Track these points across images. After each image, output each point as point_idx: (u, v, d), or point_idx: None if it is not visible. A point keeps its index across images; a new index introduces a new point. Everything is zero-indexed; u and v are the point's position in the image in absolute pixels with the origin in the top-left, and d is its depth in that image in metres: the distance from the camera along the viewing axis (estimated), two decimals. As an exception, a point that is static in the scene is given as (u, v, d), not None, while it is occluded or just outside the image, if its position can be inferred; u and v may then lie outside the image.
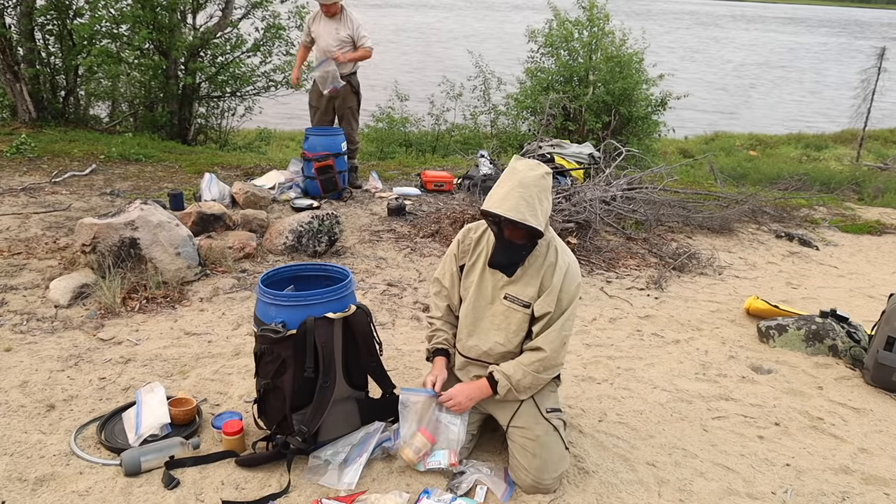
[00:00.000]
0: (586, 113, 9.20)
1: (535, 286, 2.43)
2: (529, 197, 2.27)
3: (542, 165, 2.36)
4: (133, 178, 6.13)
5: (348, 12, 5.73)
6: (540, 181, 2.31)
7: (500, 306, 2.48)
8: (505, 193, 2.29)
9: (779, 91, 22.81)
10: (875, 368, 3.48)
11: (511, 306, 2.46)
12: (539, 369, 2.43)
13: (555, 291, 2.41)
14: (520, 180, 2.29)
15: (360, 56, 5.77)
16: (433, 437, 2.46)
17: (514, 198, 2.27)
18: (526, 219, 2.25)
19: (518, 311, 2.45)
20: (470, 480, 2.40)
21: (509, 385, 2.43)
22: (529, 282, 2.44)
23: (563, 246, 2.51)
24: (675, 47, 31.22)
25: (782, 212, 6.78)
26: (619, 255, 5.19)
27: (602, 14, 9.77)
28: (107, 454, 2.48)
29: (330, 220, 4.67)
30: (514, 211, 2.25)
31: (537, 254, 2.44)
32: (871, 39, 41.91)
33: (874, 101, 12.44)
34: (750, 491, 2.56)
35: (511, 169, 2.36)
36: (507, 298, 2.46)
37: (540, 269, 2.43)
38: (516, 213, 2.25)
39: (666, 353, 3.73)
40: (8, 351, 3.18)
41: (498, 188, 2.34)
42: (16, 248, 4.33)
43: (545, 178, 2.33)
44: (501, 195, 2.30)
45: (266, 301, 2.44)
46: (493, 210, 2.29)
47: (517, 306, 2.45)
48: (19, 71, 7.56)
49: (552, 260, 2.44)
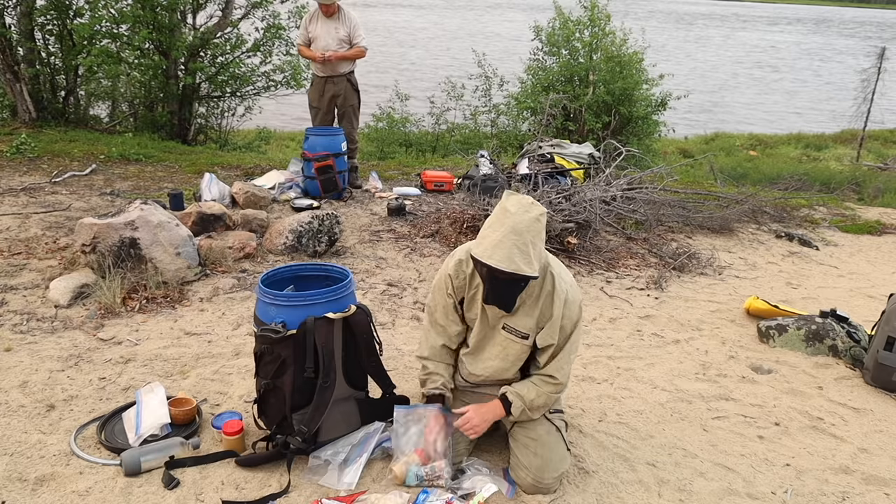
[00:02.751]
0: (586, 113, 9.20)
1: (534, 317, 2.36)
2: (523, 245, 2.14)
3: (535, 206, 2.22)
4: (133, 178, 6.13)
5: (346, 11, 5.73)
6: (534, 225, 2.18)
7: (499, 336, 2.44)
8: (497, 241, 2.15)
9: (778, 91, 22.81)
10: (875, 368, 3.48)
11: (509, 337, 2.41)
12: (552, 392, 2.43)
13: (556, 322, 2.34)
14: (512, 226, 2.15)
15: (353, 55, 5.77)
16: (427, 458, 2.44)
17: (507, 246, 2.13)
18: (521, 269, 2.14)
19: (517, 342, 2.41)
20: (470, 481, 2.40)
21: (523, 406, 2.40)
22: (528, 312, 2.37)
23: (559, 269, 2.41)
24: (675, 47, 31.21)
25: (782, 212, 6.78)
26: (619, 255, 5.19)
27: (603, 14, 9.78)
28: (107, 454, 2.48)
29: (330, 220, 4.67)
30: (508, 261, 2.13)
31: (533, 285, 2.34)
32: (871, 40, 41.90)
33: (874, 101, 12.43)
34: (750, 491, 2.56)
35: (502, 210, 2.21)
36: (506, 329, 2.41)
37: (538, 299, 2.36)
38: (510, 263, 2.13)
39: (666, 353, 3.73)
40: (8, 351, 3.18)
41: (489, 232, 2.20)
42: (16, 248, 4.33)
43: (539, 220, 2.20)
44: (493, 243, 2.16)
45: (266, 301, 2.45)
46: (484, 261, 2.16)
47: (515, 337, 2.40)
48: (19, 71, 7.56)
49: (549, 289, 2.34)
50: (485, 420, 2.44)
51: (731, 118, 17.42)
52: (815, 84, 24.72)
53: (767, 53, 33.89)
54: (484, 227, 2.25)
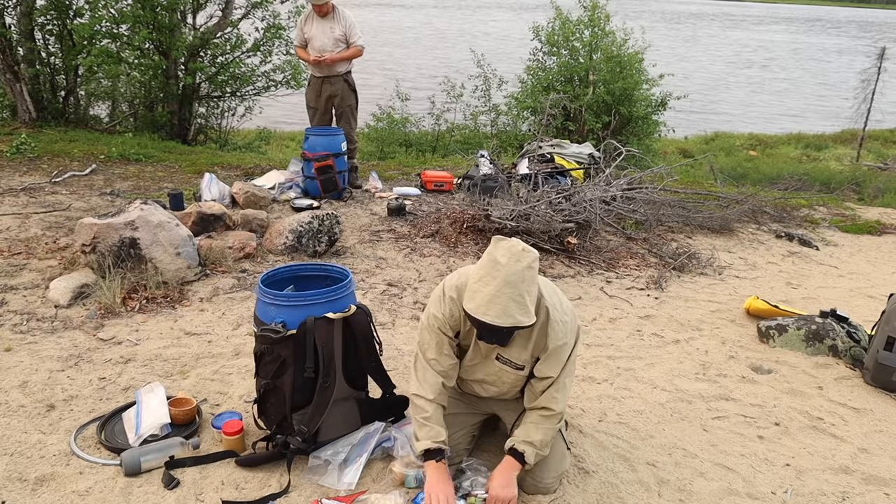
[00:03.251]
0: (586, 113, 9.20)
1: (528, 349, 2.30)
2: (518, 296, 2.06)
3: (526, 253, 2.11)
4: (133, 178, 6.13)
5: (340, 10, 5.72)
6: (527, 273, 2.08)
7: (493, 366, 2.39)
8: (490, 296, 2.06)
9: (778, 91, 22.81)
10: (875, 368, 3.48)
11: (504, 367, 2.37)
12: (553, 425, 2.37)
13: (555, 354, 2.28)
14: (505, 279, 2.06)
15: (351, 55, 5.77)
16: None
17: (502, 301, 2.05)
18: (518, 322, 2.07)
19: (511, 372, 2.37)
20: (470, 481, 2.40)
21: (535, 451, 2.33)
22: (523, 345, 2.30)
23: (552, 299, 2.30)
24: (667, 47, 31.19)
25: (782, 212, 6.78)
26: (619, 255, 5.19)
27: (603, 14, 9.79)
28: (107, 454, 2.48)
29: (330, 220, 4.67)
30: (504, 317, 2.05)
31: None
32: (870, 40, 41.92)
33: (874, 101, 12.43)
34: (750, 491, 2.56)
35: (492, 262, 2.09)
36: (500, 360, 2.36)
37: (531, 331, 2.27)
38: (506, 318, 2.05)
39: (666, 353, 3.73)
40: (8, 351, 3.18)
41: (481, 286, 2.09)
42: (16, 248, 4.33)
43: (532, 267, 2.10)
44: (487, 298, 2.06)
45: (266, 301, 2.45)
46: (479, 318, 2.07)
47: (510, 368, 2.36)
48: (19, 71, 7.56)
49: (543, 320, 2.26)
50: (510, 486, 2.28)
51: (719, 118, 17.41)
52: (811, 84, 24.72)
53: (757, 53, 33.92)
54: (474, 279, 2.14)
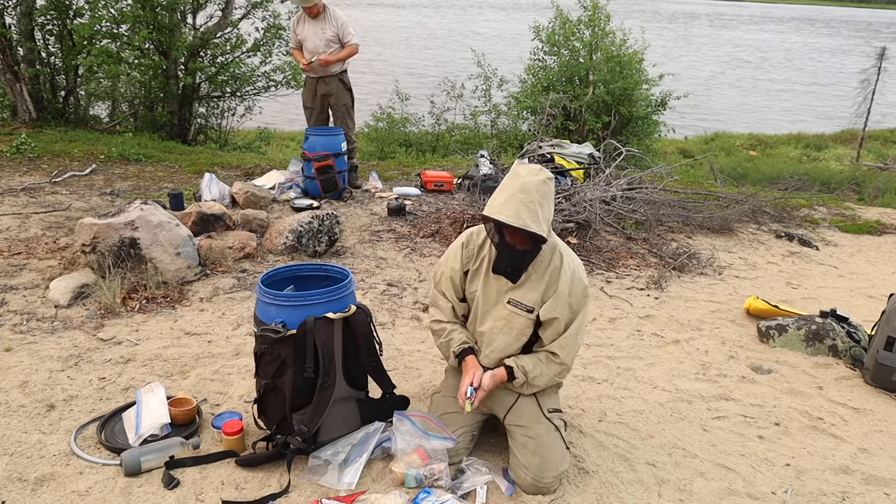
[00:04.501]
0: (586, 113, 9.21)
1: (539, 291, 2.41)
2: (531, 202, 2.24)
3: (544, 171, 2.32)
4: (133, 178, 6.13)
5: (331, 10, 5.70)
6: (541, 186, 2.27)
7: (503, 310, 2.47)
8: (506, 199, 2.26)
9: (778, 91, 22.81)
10: (875, 368, 3.48)
11: (514, 311, 2.44)
12: (555, 372, 2.47)
13: (562, 296, 2.39)
14: (521, 185, 2.26)
15: (347, 54, 5.77)
16: (427, 457, 2.43)
17: (515, 203, 2.23)
18: (527, 225, 2.22)
19: (521, 315, 2.44)
20: (470, 481, 2.40)
21: (525, 379, 2.45)
22: (533, 286, 2.42)
23: (567, 249, 2.49)
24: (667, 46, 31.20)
25: (782, 212, 6.78)
26: (619, 255, 5.19)
27: (603, 14, 9.79)
28: (107, 454, 2.48)
29: (330, 220, 4.67)
30: (515, 217, 2.22)
31: (541, 258, 2.42)
32: (870, 40, 41.90)
33: (874, 101, 12.43)
34: (750, 491, 2.56)
35: (513, 174, 2.32)
36: (511, 303, 2.45)
37: (544, 273, 2.42)
38: (517, 219, 2.22)
39: (666, 353, 3.73)
40: (8, 351, 3.18)
41: (499, 193, 2.31)
42: (16, 248, 4.33)
43: (547, 183, 2.29)
44: (502, 201, 2.27)
45: (266, 301, 2.44)
46: (493, 216, 2.26)
47: (520, 311, 2.43)
48: (19, 71, 7.56)
49: (557, 264, 2.41)
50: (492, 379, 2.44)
51: (716, 117, 17.41)
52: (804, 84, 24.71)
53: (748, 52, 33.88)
54: (496, 192, 2.34)
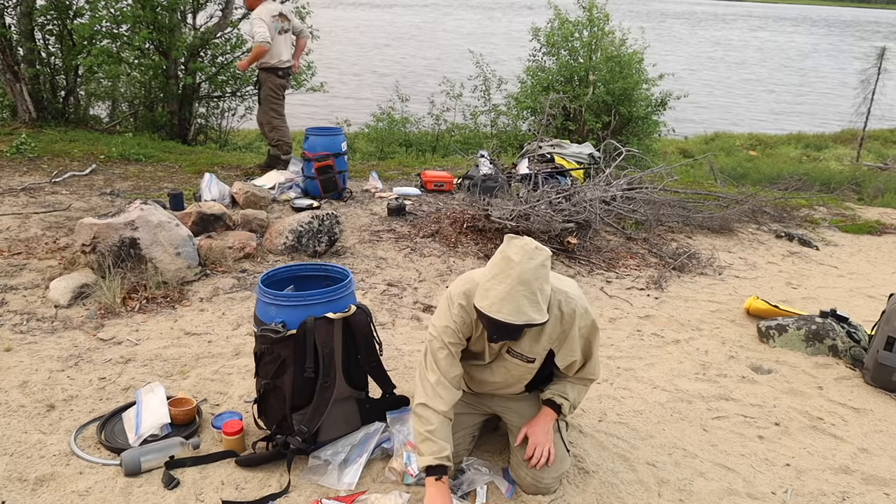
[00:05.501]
0: (586, 113, 9.20)
1: (540, 342, 2.32)
2: (531, 294, 2.06)
3: (540, 251, 2.11)
4: (133, 178, 6.13)
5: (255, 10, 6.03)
6: (539, 271, 2.09)
7: (503, 358, 2.41)
8: (504, 294, 2.06)
9: (778, 91, 22.81)
10: (875, 368, 3.48)
11: (514, 361, 2.39)
12: (587, 387, 2.55)
13: (574, 340, 2.31)
14: (518, 276, 2.06)
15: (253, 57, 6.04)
16: None
17: (515, 299, 2.05)
18: (532, 319, 2.07)
19: (522, 365, 2.39)
20: (470, 481, 2.40)
21: (570, 404, 2.46)
22: (534, 338, 2.31)
23: (563, 287, 2.32)
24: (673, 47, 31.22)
25: (782, 212, 6.78)
26: (619, 255, 5.19)
27: (602, 14, 9.78)
28: (107, 454, 2.48)
29: (330, 220, 4.67)
30: (517, 314, 2.05)
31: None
32: (870, 40, 41.92)
33: (874, 101, 12.43)
34: (750, 491, 2.56)
35: (506, 260, 2.09)
36: (510, 353, 2.38)
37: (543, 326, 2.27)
38: (519, 316, 2.06)
39: (666, 353, 3.73)
40: (8, 351, 3.18)
41: (494, 284, 2.09)
42: (16, 248, 4.33)
43: (545, 265, 2.11)
44: (500, 296, 2.06)
45: (266, 301, 2.44)
46: (493, 316, 2.07)
47: (520, 361, 2.38)
48: (19, 71, 7.56)
49: (557, 311, 2.28)
50: (547, 433, 2.40)
51: (713, 117, 17.41)
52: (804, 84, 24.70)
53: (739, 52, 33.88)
54: (487, 277, 2.13)
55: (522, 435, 2.42)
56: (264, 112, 6.34)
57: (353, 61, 21.03)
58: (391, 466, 2.45)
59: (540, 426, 2.42)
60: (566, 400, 2.43)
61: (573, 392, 2.47)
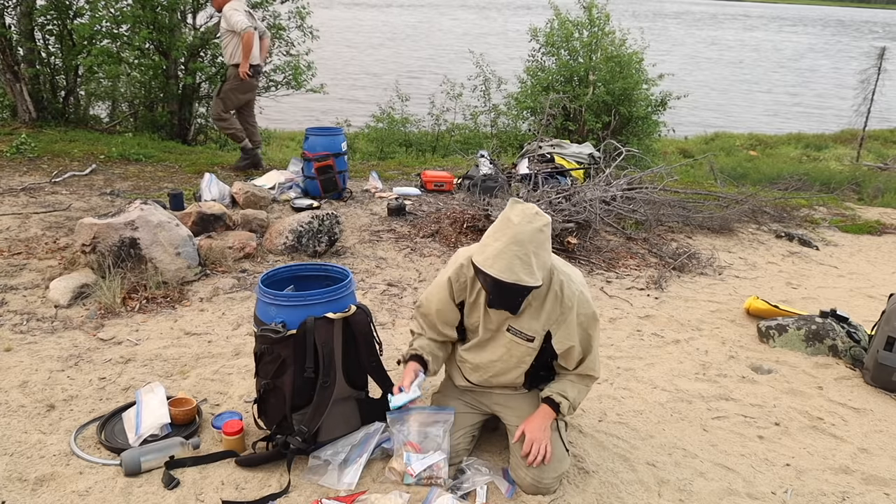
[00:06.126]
0: (586, 113, 9.20)
1: (541, 320, 2.35)
2: (525, 255, 2.12)
3: (539, 216, 2.17)
4: (133, 178, 6.13)
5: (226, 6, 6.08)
6: (537, 236, 2.15)
7: (503, 338, 2.43)
8: (498, 251, 2.14)
9: (778, 91, 22.81)
10: (875, 368, 3.48)
11: (514, 339, 2.41)
12: (588, 385, 2.52)
13: (572, 324, 2.34)
14: (514, 236, 2.13)
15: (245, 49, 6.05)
16: (420, 449, 2.44)
17: (508, 257, 2.12)
18: (521, 279, 2.13)
19: (521, 344, 2.40)
20: (470, 481, 2.40)
21: (569, 404, 2.44)
22: (534, 315, 2.35)
23: (567, 270, 2.39)
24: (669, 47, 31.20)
25: (782, 212, 6.78)
26: (619, 255, 5.19)
27: (602, 14, 9.78)
28: (107, 454, 2.48)
29: (330, 220, 4.67)
30: (508, 272, 2.12)
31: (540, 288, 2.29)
32: (865, 39, 41.89)
33: (874, 101, 12.43)
34: (750, 491, 2.56)
35: (505, 220, 2.18)
36: (510, 331, 2.40)
37: (544, 301, 2.33)
38: (510, 274, 2.12)
39: (666, 353, 3.73)
40: (8, 351, 3.18)
41: (491, 241, 2.19)
42: (16, 248, 4.33)
43: (543, 231, 2.17)
44: (495, 252, 2.15)
45: (266, 301, 2.44)
46: (485, 270, 2.15)
47: (520, 340, 2.40)
48: (19, 71, 7.56)
49: (557, 290, 2.32)
50: (544, 429, 2.41)
51: (711, 116, 17.41)
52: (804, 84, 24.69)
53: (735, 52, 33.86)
54: (486, 235, 2.24)
55: (520, 432, 2.42)
56: (215, 104, 6.36)
57: (346, 61, 21.01)
58: (391, 466, 2.45)
59: (537, 423, 2.42)
60: (565, 398, 2.43)
61: (573, 391, 2.45)
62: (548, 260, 2.25)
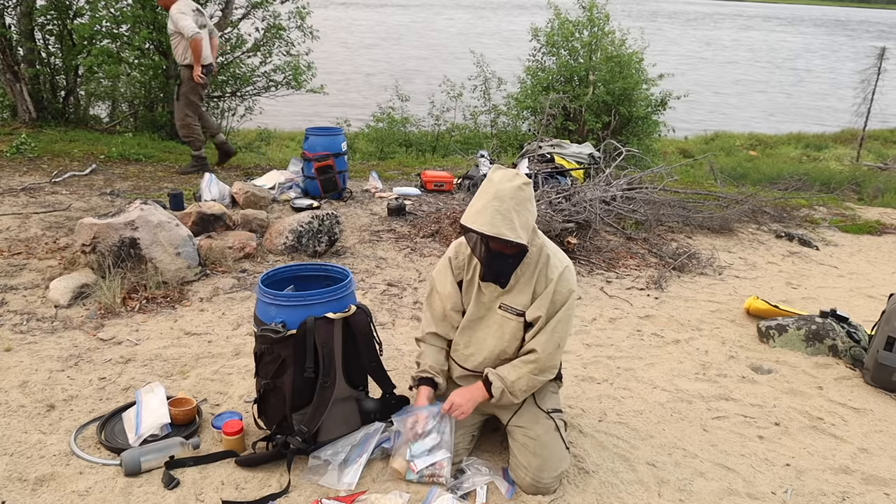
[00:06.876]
0: (586, 113, 9.20)
1: (529, 294, 2.42)
2: (505, 210, 2.22)
3: (519, 175, 2.30)
4: (133, 178, 6.13)
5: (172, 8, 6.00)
6: (517, 193, 2.25)
7: (495, 315, 2.48)
8: (480, 207, 2.25)
9: (778, 90, 22.81)
10: (875, 368, 3.48)
11: (505, 315, 2.46)
12: (534, 371, 2.42)
13: (547, 296, 2.40)
14: (495, 193, 2.24)
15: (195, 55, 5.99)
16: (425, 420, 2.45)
17: (489, 212, 2.22)
18: (502, 233, 2.21)
19: (512, 319, 2.45)
20: (470, 481, 2.40)
21: (503, 386, 2.41)
22: (522, 290, 2.43)
23: (556, 250, 2.49)
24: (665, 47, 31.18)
25: (782, 212, 6.78)
26: (619, 255, 5.19)
27: (602, 14, 9.79)
28: (107, 454, 2.48)
29: (330, 220, 4.67)
30: (489, 226, 2.21)
31: (528, 261, 2.41)
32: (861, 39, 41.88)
33: (874, 101, 12.43)
34: (750, 491, 2.56)
35: (487, 180, 2.31)
36: (502, 308, 2.46)
37: (532, 276, 2.42)
38: (491, 227, 2.21)
39: (666, 353, 3.73)
40: (8, 351, 3.18)
41: (475, 201, 2.30)
42: (16, 248, 4.33)
43: (523, 188, 2.27)
44: (477, 209, 2.26)
45: (266, 301, 2.44)
46: (468, 225, 2.25)
47: (511, 315, 2.45)
48: (19, 71, 7.56)
49: (543, 264, 2.42)
50: (469, 400, 2.45)
51: (711, 116, 17.40)
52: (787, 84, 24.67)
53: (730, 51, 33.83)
54: (473, 198, 2.34)
55: (449, 403, 2.45)
56: (180, 109, 6.29)
57: (339, 61, 21.00)
58: (391, 466, 2.45)
59: (464, 392, 2.47)
60: (501, 379, 2.41)
61: (513, 373, 2.41)
62: (530, 221, 2.32)
